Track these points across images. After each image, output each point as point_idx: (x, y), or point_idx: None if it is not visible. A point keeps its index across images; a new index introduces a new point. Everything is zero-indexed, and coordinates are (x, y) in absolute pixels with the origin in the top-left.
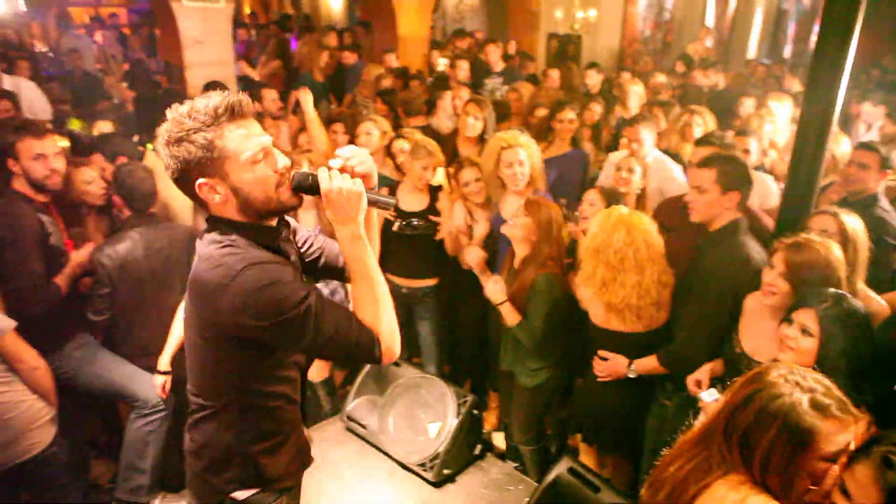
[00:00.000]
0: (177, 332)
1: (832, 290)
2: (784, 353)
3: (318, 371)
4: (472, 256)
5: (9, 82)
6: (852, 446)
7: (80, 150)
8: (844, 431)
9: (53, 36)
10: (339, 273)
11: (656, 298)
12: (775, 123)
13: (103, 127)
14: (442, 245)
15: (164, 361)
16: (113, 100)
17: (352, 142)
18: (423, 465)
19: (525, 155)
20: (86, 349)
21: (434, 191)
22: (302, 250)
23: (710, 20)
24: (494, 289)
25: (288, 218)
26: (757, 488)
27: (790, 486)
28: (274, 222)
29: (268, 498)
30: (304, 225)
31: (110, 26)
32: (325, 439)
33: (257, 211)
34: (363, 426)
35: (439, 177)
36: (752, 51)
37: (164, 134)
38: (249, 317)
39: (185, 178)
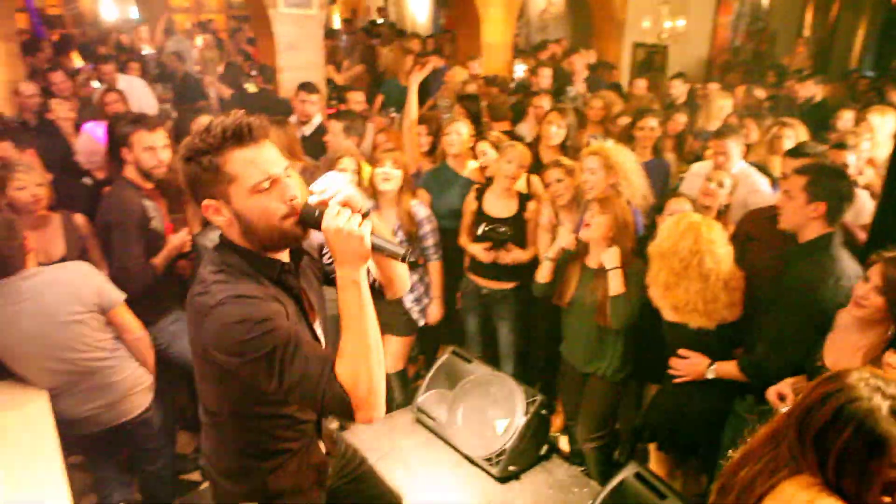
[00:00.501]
0: None
1: None
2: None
3: (392, 363)
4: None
5: (123, 81)
6: None
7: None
8: None
9: (159, 40)
10: None
11: (726, 301)
12: (875, 138)
13: (203, 122)
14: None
15: None
16: (209, 99)
17: (435, 143)
18: (489, 459)
19: (596, 162)
20: (179, 324)
21: (523, 200)
22: (328, 265)
23: (807, 30)
24: (612, 253)
25: (313, 234)
26: (827, 490)
27: (863, 492)
28: (280, 254)
29: None
30: (387, 222)
31: (209, 31)
32: (395, 429)
33: (260, 239)
34: (432, 418)
35: (522, 182)
36: (854, 62)
37: (180, 149)
38: (218, 351)
39: (193, 195)
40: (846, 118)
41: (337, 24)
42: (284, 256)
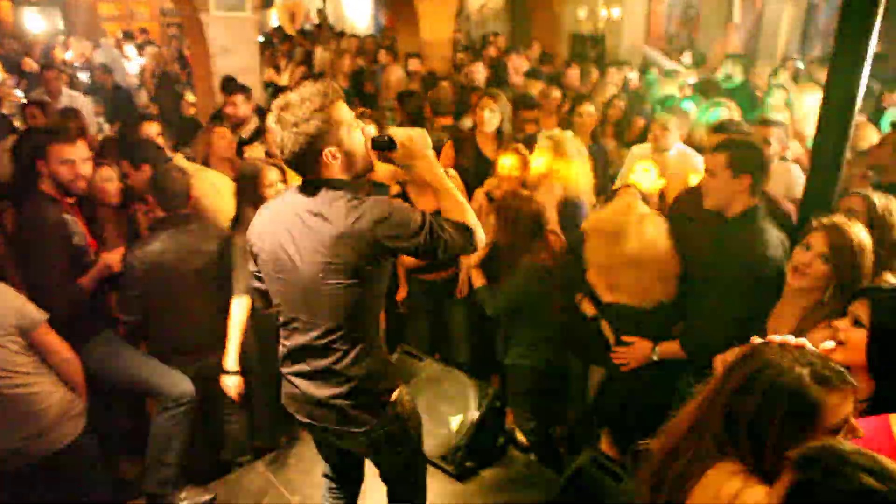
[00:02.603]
0: (236, 331)
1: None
2: (836, 350)
3: None
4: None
5: (66, 95)
6: (851, 418)
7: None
8: (846, 403)
9: (86, 52)
10: None
11: (660, 284)
12: (800, 113)
13: (149, 129)
14: None
15: (231, 361)
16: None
17: None
18: (444, 458)
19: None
20: (110, 345)
21: None
22: None
23: (737, 16)
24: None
25: None
26: (750, 477)
27: None
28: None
29: (402, 395)
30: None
31: (143, 42)
32: None
33: (357, 169)
34: None
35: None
36: (781, 46)
37: (288, 118)
38: (401, 239)
39: (311, 149)
40: (777, 98)
41: (275, 24)
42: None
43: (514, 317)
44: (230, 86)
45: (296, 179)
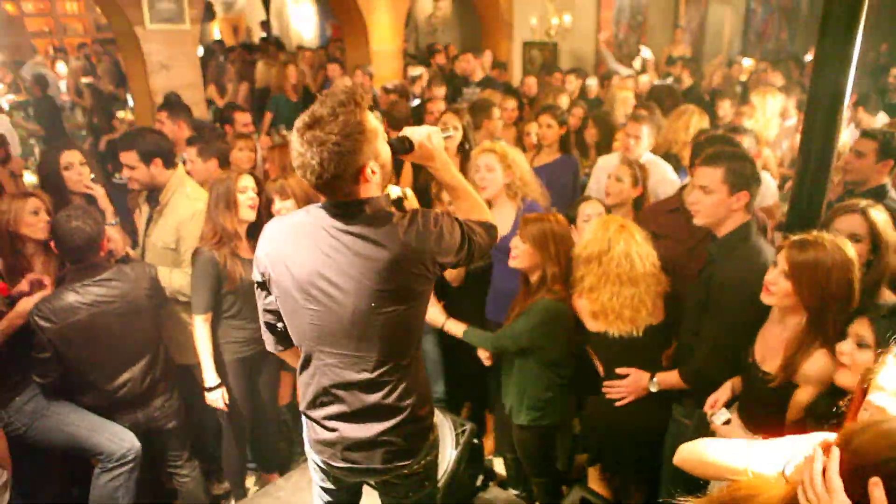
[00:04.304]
0: (205, 347)
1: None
2: (841, 372)
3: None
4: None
5: None
6: None
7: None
8: None
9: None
10: None
11: (651, 306)
12: (764, 119)
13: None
14: None
15: (209, 376)
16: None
17: None
18: None
19: (494, 160)
20: (37, 401)
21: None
22: None
23: (682, 20)
24: (432, 312)
25: None
26: None
27: None
28: None
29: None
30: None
31: (80, 56)
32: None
33: (386, 180)
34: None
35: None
36: (725, 49)
37: (322, 136)
38: (450, 253)
39: (352, 167)
40: (725, 107)
41: (218, 36)
42: None
43: (522, 363)
44: (167, 103)
45: None
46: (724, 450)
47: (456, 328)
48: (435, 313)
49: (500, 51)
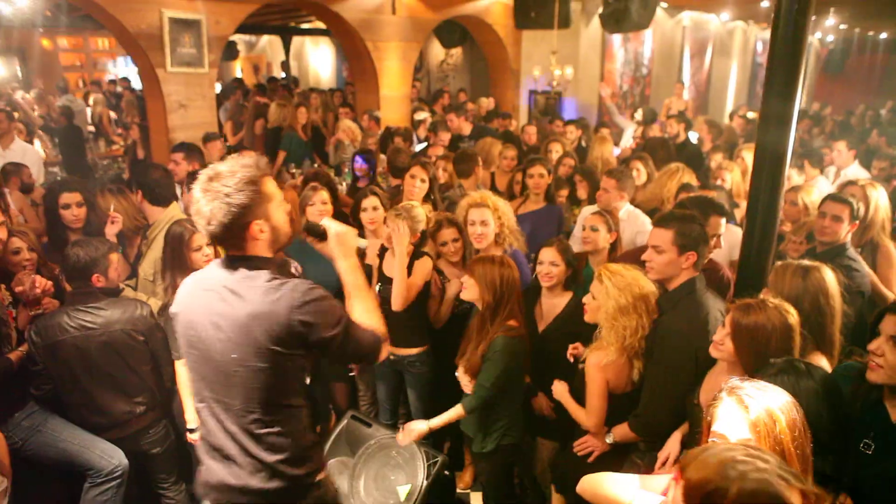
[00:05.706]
0: (187, 389)
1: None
2: (874, 372)
3: None
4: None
5: (19, 146)
6: None
7: None
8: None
9: (50, 100)
10: None
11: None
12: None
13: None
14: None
15: (192, 417)
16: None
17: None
18: None
19: (487, 214)
20: (34, 417)
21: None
22: None
23: (686, 76)
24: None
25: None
26: None
27: None
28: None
29: (326, 478)
30: None
31: (106, 91)
32: None
33: (280, 244)
34: None
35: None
36: (730, 104)
37: (218, 188)
38: (324, 329)
39: (240, 222)
40: (718, 159)
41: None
42: None
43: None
44: (182, 145)
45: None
46: (616, 483)
47: (449, 414)
48: (418, 424)
49: (506, 98)
